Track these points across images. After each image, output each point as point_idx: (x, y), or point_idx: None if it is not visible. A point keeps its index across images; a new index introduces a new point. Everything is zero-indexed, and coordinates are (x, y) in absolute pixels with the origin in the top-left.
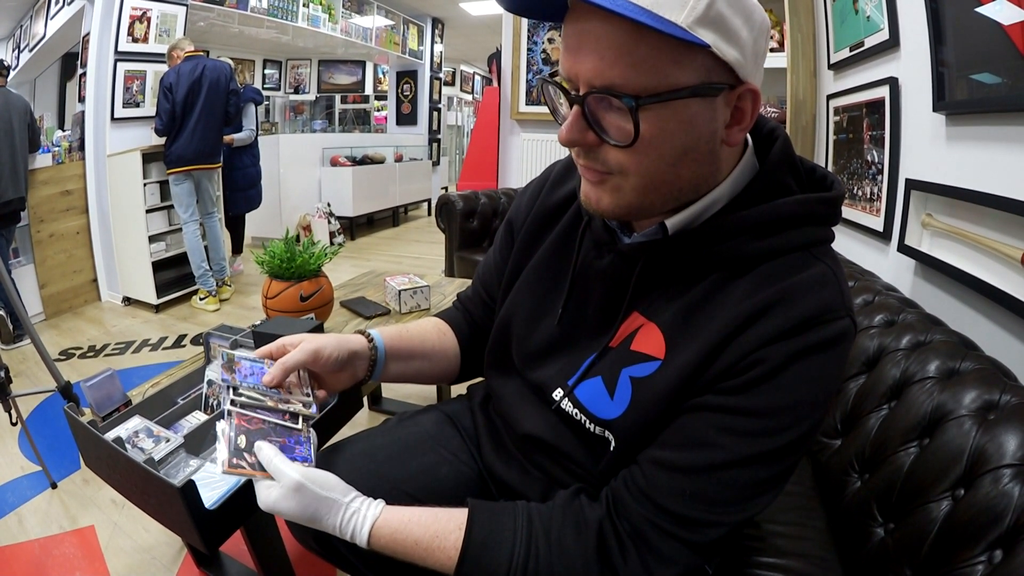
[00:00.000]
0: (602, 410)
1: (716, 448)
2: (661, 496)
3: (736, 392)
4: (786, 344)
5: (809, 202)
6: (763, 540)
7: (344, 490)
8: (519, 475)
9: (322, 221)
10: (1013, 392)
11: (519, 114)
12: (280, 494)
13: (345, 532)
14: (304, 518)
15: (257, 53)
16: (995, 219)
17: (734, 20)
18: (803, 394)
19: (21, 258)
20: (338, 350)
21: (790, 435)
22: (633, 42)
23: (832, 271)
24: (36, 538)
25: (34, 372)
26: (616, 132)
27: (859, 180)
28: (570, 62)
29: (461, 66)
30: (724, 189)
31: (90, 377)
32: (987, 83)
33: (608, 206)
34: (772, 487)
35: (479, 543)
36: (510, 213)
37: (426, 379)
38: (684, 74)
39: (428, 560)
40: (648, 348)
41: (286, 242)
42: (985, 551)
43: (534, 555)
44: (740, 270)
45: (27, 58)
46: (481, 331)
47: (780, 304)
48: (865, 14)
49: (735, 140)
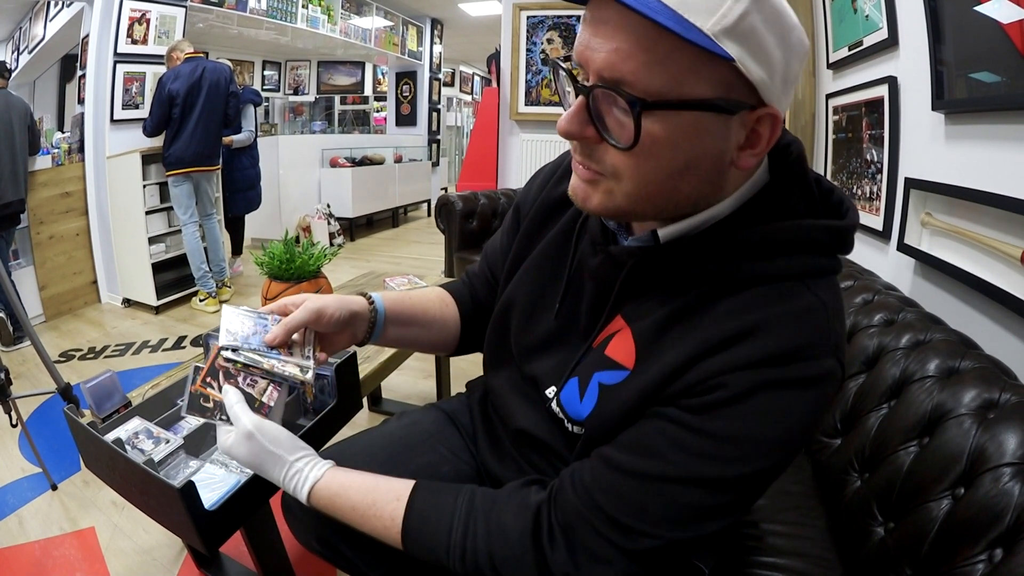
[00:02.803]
0: (575, 411)
1: (664, 460)
2: (600, 494)
3: (695, 411)
4: (754, 373)
5: (810, 228)
6: (763, 540)
7: (291, 448)
8: (515, 473)
9: (322, 222)
10: (1013, 391)
11: (518, 114)
12: (234, 440)
13: (287, 488)
14: (253, 467)
15: (256, 54)
16: (994, 218)
17: (767, 37)
18: (766, 429)
19: (21, 260)
20: (340, 310)
21: (743, 467)
22: (652, 39)
23: (823, 305)
24: (36, 540)
25: (34, 374)
26: (617, 131)
27: (858, 179)
28: (583, 47)
29: (460, 67)
30: (726, 204)
31: (90, 379)
32: (986, 82)
33: (596, 206)
34: (716, 516)
35: (419, 516)
36: (520, 196)
37: (424, 346)
38: (700, 85)
39: (365, 526)
40: (619, 356)
41: (285, 243)
42: (985, 550)
43: (472, 532)
44: (725, 290)
45: (26, 60)
46: (483, 308)
47: (755, 333)
48: (864, 13)
49: (745, 164)
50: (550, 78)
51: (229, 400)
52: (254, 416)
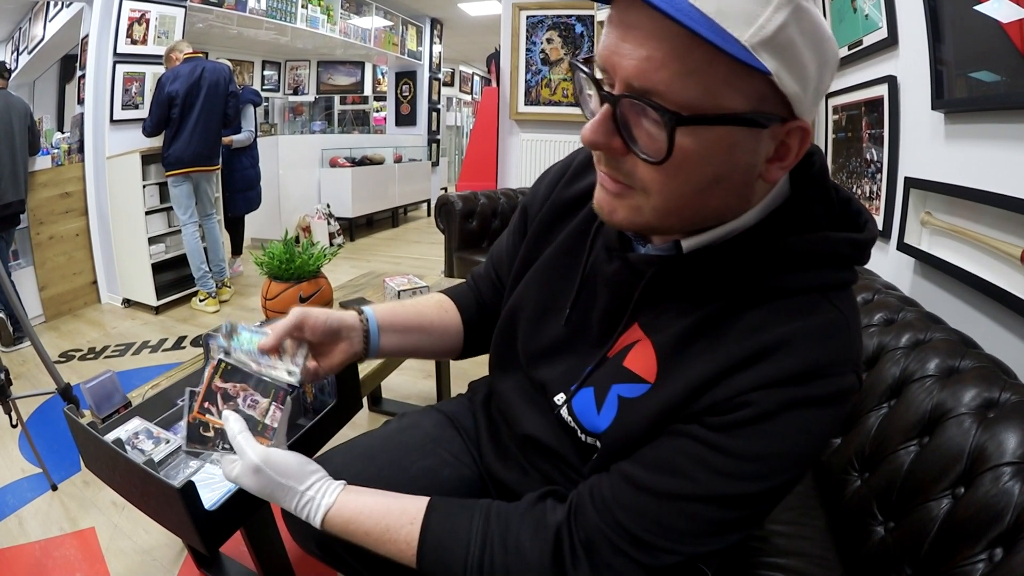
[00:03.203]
0: (590, 422)
1: (688, 479)
2: (622, 512)
3: (719, 429)
4: (780, 391)
5: (835, 242)
6: (763, 540)
7: (301, 476)
8: (518, 476)
9: (321, 222)
10: (1013, 390)
11: (518, 114)
12: (240, 471)
13: (300, 516)
14: (263, 496)
15: (256, 54)
16: (994, 217)
17: (804, 51)
18: (789, 446)
19: (21, 260)
20: (327, 316)
21: (765, 484)
22: (686, 48)
23: (846, 320)
24: (36, 540)
25: (34, 374)
26: (647, 144)
27: (858, 179)
28: (610, 51)
29: (460, 66)
30: (750, 216)
31: (90, 379)
32: (986, 81)
33: (622, 220)
34: (736, 529)
35: (434, 541)
36: (527, 198)
37: (427, 353)
38: (735, 98)
39: (380, 550)
40: (639, 368)
41: (285, 243)
42: (986, 549)
43: (489, 555)
44: (749, 302)
45: (26, 60)
46: (489, 311)
47: (782, 349)
48: (863, 12)
49: (773, 177)
50: (549, 77)
51: (232, 430)
52: (259, 447)
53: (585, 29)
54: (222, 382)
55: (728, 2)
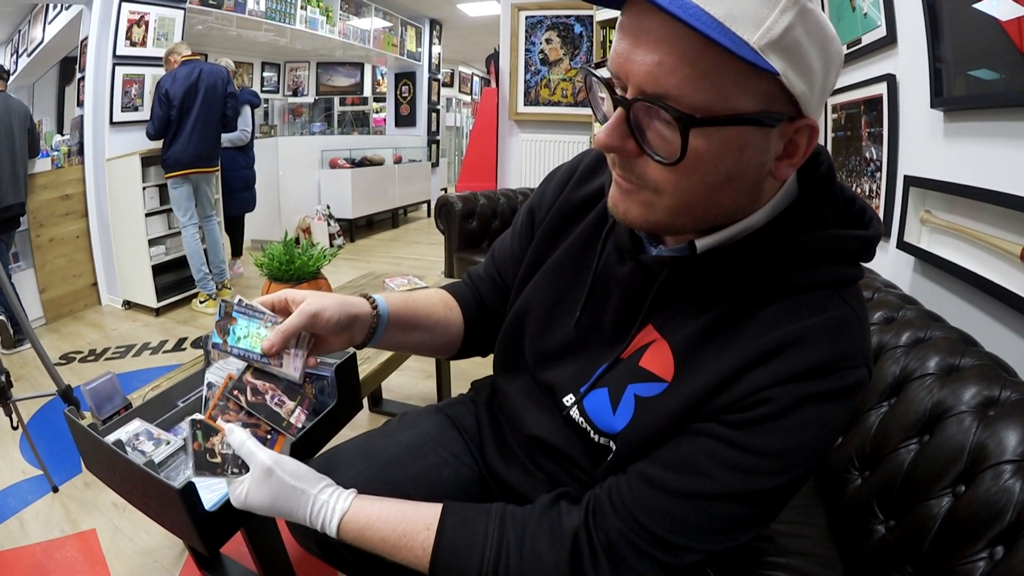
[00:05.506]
0: (604, 422)
1: (708, 478)
2: (643, 514)
3: (739, 427)
4: (797, 387)
5: (844, 239)
6: (764, 539)
7: (312, 480)
8: (521, 476)
9: (321, 223)
10: (1013, 388)
11: (517, 115)
12: (249, 483)
13: (314, 524)
14: (274, 509)
15: (255, 56)
16: (994, 215)
17: (810, 51)
18: (807, 440)
19: (21, 263)
20: (339, 314)
21: (784, 478)
22: (698, 52)
23: (856, 315)
24: (38, 542)
25: (35, 376)
26: (660, 146)
27: (857, 177)
28: (622, 58)
29: (459, 67)
30: (760, 215)
31: (90, 381)
32: (985, 79)
33: (636, 218)
34: (756, 524)
35: (449, 547)
36: (533, 199)
37: (425, 350)
38: (745, 99)
39: (395, 556)
40: (656, 368)
41: (285, 244)
42: (986, 547)
43: (504, 561)
44: (762, 300)
45: (26, 63)
46: (488, 311)
47: (797, 344)
48: (862, 11)
49: (782, 174)
50: (549, 78)
51: (238, 439)
52: (270, 451)
53: (584, 29)
54: (253, 378)
55: (737, 5)
